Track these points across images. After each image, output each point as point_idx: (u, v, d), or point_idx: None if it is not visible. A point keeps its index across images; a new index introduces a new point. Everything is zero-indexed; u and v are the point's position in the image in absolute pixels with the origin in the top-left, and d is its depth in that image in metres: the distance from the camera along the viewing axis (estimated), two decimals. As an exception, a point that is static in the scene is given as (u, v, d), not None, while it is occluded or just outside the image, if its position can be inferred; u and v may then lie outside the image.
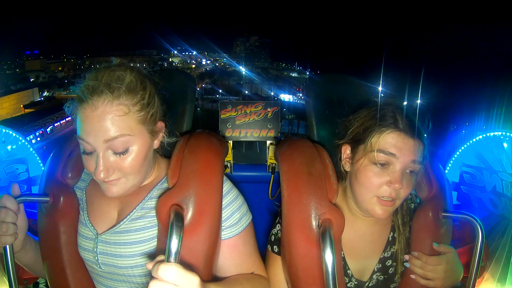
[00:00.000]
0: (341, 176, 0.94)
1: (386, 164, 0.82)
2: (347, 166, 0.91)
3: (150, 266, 0.63)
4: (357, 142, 0.88)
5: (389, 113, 0.85)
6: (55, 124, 29.61)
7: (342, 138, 0.93)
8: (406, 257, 0.89)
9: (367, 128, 0.86)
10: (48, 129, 28.79)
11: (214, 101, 46.02)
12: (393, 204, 0.85)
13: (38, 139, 26.90)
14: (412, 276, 0.88)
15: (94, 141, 0.74)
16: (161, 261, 0.63)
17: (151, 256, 0.82)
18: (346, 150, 0.91)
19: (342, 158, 0.91)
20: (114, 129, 0.74)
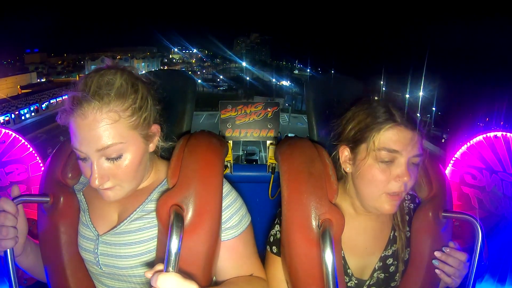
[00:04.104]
0: (340, 175, 0.93)
1: (390, 161, 0.83)
2: (347, 168, 0.90)
3: (149, 275, 0.63)
4: (356, 142, 0.87)
5: (382, 108, 0.85)
6: (51, 101, 29.17)
7: (337, 139, 0.92)
8: (438, 254, 0.87)
9: (365, 127, 0.85)
10: (44, 105, 28.40)
11: (214, 87, 48.46)
12: (401, 197, 0.85)
13: (33, 114, 26.59)
14: (437, 271, 0.87)
15: (86, 150, 0.74)
16: (160, 271, 0.63)
17: (150, 263, 0.82)
18: (344, 152, 0.90)
19: (341, 160, 0.91)
20: (106, 138, 0.73)
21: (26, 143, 1.55)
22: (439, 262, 0.87)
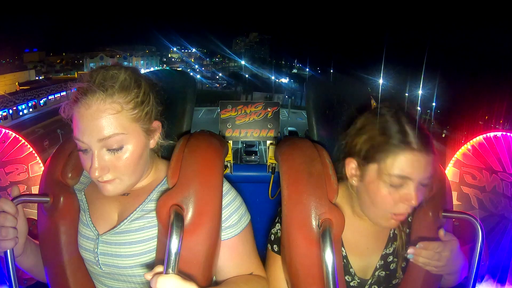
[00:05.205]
0: (342, 177, 0.93)
1: (400, 186, 0.81)
2: (353, 181, 0.88)
3: (148, 277, 0.63)
4: (365, 159, 0.84)
5: (395, 126, 0.81)
6: (49, 97, 29.27)
7: (344, 151, 0.90)
8: (411, 250, 0.84)
9: (377, 146, 0.82)
10: (42, 101, 28.46)
11: (213, 84, 49.04)
12: (405, 216, 0.85)
13: (31, 109, 26.62)
14: (410, 256, 0.85)
15: (88, 140, 0.75)
16: (160, 273, 0.63)
17: (150, 264, 0.82)
18: (351, 165, 0.88)
19: (347, 172, 0.89)
20: (108, 128, 0.75)
21: (26, 143, 1.55)
22: (413, 256, 0.84)
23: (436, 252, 0.83)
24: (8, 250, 0.77)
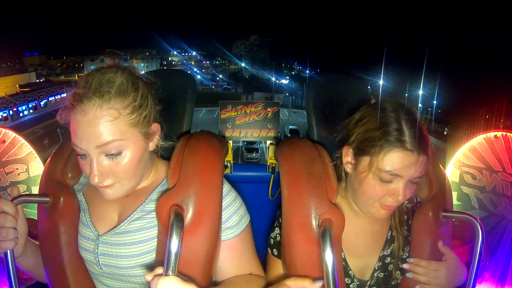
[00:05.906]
0: (341, 175, 0.93)
1: (390, 181, 0.82)
2: (348, 169, 0.89)
3: (148, 278, 0.63)
4: (360, 150, 0.85)
5: (393, 125, 0.80)
6: (50, 99, 29.09)
7: (343, 139, 0.91)
8: (406, 266, 0.89)
9: (371, 139, 0.82)
10: (42, 103, 28.27)
11: (214, 86, 49.99)
12: (395, 208, 0.86)
13: (31, 111, 26.50)
14: (409, 275, 0.89)
15: (86, 147, 0.74)
16: (160, 274, 0.63)
17: (150, 264, 0.82)
18: (348, 153, 0.89)
19: (343, 159, 0.90)
20: (105, 135, 0.73)
21: (26, 143, 1.55)
22: (412, 274, 0.88)
23: (432, 270, 0.86)
24: (8, 251, 0.77)
